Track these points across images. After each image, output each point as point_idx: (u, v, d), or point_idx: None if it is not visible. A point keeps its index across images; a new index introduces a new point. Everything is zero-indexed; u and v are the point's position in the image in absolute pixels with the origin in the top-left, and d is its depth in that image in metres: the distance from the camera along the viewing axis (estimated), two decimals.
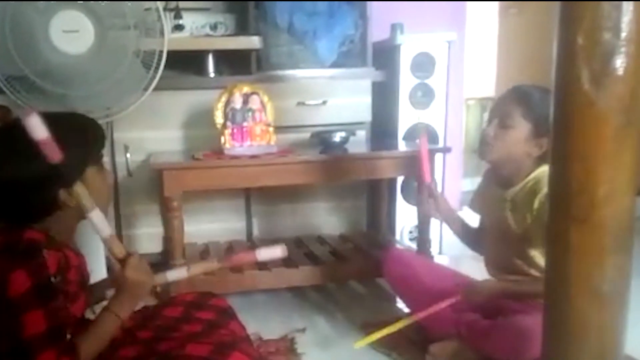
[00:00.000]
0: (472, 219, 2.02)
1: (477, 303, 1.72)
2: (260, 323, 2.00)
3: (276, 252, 1.40)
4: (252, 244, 2.61)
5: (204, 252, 2.47)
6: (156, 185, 2.40)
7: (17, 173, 1.15)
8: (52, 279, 1.10)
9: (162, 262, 2.36)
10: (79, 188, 1.17)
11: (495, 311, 1.73)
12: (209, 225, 2.60)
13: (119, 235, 2.51)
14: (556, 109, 1.28)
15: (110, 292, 1.36)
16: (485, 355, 1.69)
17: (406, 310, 2.05)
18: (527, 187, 1.69)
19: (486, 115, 3.04)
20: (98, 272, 1.95)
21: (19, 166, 1.16)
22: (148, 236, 2.55)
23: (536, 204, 1.62)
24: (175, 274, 1.35)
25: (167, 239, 2.34)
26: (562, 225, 1.25)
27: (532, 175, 1.67)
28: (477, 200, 1.95)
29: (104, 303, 1.32)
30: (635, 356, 1.71)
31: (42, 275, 1.09)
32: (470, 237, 1.99)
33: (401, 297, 2.06)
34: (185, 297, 1.60)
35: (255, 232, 2.71)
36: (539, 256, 1.66)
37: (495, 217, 1.79)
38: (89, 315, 1.32)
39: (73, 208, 1.22)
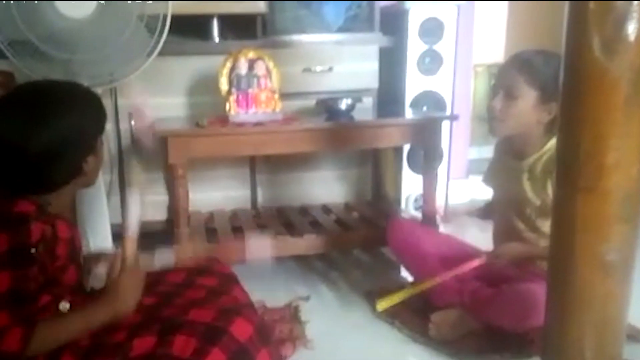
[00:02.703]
0: (481, 191, 2.01)
1: (501, 265, 1.71)
2: (265, 291, 2.01)
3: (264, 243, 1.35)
4: (256, 212, 2.61)
5: (209, 220, 2.47)
6: (161, 152, 2.38)
7: (46, 141, 1.15)
8: (32, 250, 1.09)
9: (166, 230, 2.36)
10: (137, 165, 1.16)
11: (499, 279, 1.73)
12: (214, 194, 2.59)
13: (124, 202, 2.51)
14: (566, 76, 1.25)
15: (99, 271, 1.35)
16: (489, 323, 1.70)
17: (410, 279, 2.05)
18: (546, 155, 1.65)
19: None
20: (103, 240, 1.96)
21: (49, 133, 1.15)
22: (152, 204, 2.54)
23: None
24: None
25: (172, 207, 2.34)
26: (569, 194, 1.24)
27: (550, 144, 1.64)
28: (491, 174, 1.93)
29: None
30: (639, 326, 1.71)
31: (21, 242, 1.08)
32: (487, 211, 1.98)
33: (405, 266, 2.06)
34: (188, 263, 1.60)
35: (260, 200, 2.70)
36: None
37: (511, 189, 1.76)
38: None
39: (76, 182, 1.22)
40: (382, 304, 1.68)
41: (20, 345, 1.04)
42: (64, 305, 1.10)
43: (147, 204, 2.54)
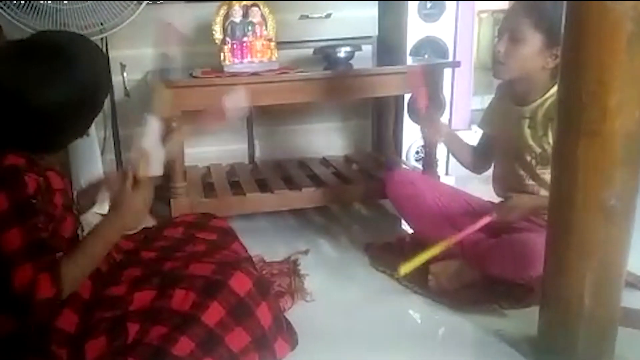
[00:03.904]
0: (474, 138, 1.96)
1: (512, 220, 1.69)
2: (263, 246, 2.00)
3: (239, 94, 1.34)
4: (254, 166, 2.58)
5: (206, 175, 2.44)
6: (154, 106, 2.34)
7: (63, 99, 1.12)
8: (33, 201, 1.08)
9: (162, 185, 2.33)
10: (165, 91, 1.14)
11: (499, 230, 1.71)
12: (210, 148, 2.55)
13: (119, 156, 2.47)
14: (568, 17, 1.20)
15: (99, 198, 1.34)
16: (489, 273, 1.69)
17: (410, 231, 2.03)
18: (548, 102, 1.62)
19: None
20: None
21: (65, 91, 1.12)
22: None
23: None
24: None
25: (167, 162, 2.29)
26: (571, 138, 1.22)
27: (553, 90, 1.60)
28: (489, 117, 1.89)
29: (93, 213, 1.31)
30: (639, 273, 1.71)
31: (20, 195, 1.07)
32: (470, 156, 1.94)
33: (405, 219, 2.04)
34: (186, 218, 1.60)
35: (258, 154, 2.67)
36: None
37: (510, 135, 1.73)
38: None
39: None
40: (405, 268, 1.66)
41: (53, 289, 1.05)
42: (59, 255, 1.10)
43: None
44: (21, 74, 1.09)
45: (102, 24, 2.12)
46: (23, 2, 1.94)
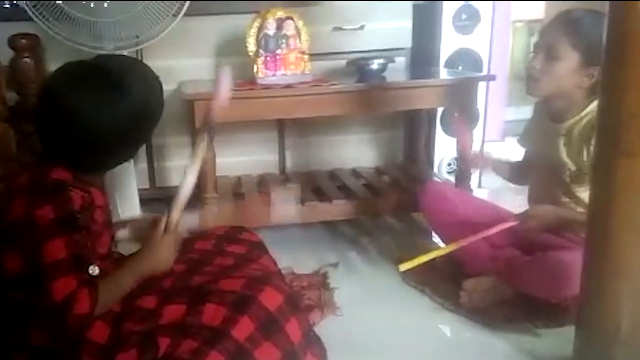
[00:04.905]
0: (516, 153, 1.93)
1: (529, 230, 1.66)
2: (293, 258, 2.00)
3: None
4: (285, 177, 2.58)
5: (236, 185, 2.45)
6: (188, 116, 2.36)
7: (119, 123, 1.15)
8: (77, 215, 1.11)
9: (193, 194, 2.36)
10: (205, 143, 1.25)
11: (535, 248, 1.68)
12: (241, 158, 2.57)
13: (151, 167, 2.51)
14: (609, 34, 1.18)
15: (121, 234, 1.37)
16: (522, 291, 1.66)
17: (442, 245, 2.01)
18: (585, 120, 1.59)
19: (533, 40, 2.85)
20: (131, 206, 1.97)
21: (122, 115, 1.15)
22: (179, 169, 2.52)
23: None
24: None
25: (199, 172, 2.31)
26: (610, 158, 1.19)
27: (590, 107, 1.57)
28: (528, 134, 1.86)
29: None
30: None
31: (67, 209, 1.10)
32: (516, 173, 1.92)
33: (437, 232, 2.02)
34: (217, 231, 1.60)
35: (289, 165, 2.68)
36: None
37: (547, 152, 1.71)
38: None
39: None
40: (405, 265, 1.64)
41: (90, 306, 1.07)
42: (93, 269, 1.12)
43: (174, 168, 2.54)
44: (79, 95, 1.13)
45: (137, 36, 2.16)
46: (60, 13, 1.99)
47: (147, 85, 1.22)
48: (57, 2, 1.94)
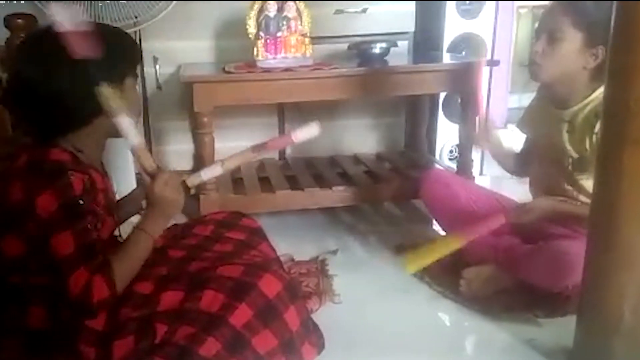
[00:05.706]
0: (516, 140, 1.91)
1: (526, 223, 1.64)
2: (292, 244, 1.98)
3: (311, 130, 1.37)
4: (284, 162, 2.56)
5: (236, 171, 2.43)
6: (186, 100, 2.34)
7: (56, 76, 1.12)
8: (79, 201, 1.10)
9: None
10: (108, 90, 1.13)
11: (536, 236, 1.66)
12: (241, 143, 2.52)
13: (149, 150, 2.48)
14: (617, 20, 1.15)
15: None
16: (523, 280, 1.65)
17: (442, 233, 2.00)
18: (589, 107, 1.57)
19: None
20: (128, 190, 1.95)
21: (57, 69, 1.12)
22: (178, 153, 2.53)
23: (598, 127, 1.49)
24: (210, 172, 1.34)
25: (197, 157, 2.31)
26: (616, 146, 1.17)
27: (594, 95, 1.54)
28: (528, 119, 1.83)
29: (134, 219, 1.32)
30: None
31: (68, 196, 1.09)
32: (518, 164, 1.89)
33: (438, 220, 2.01)
34: (216, 216, 1.60)
35: (288, 150, 2.66)
36: (591, 183, 1.56)
37: (549, 139, 1.68)
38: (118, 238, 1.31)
39: (102, 124, 1.19)
40: (412, 266, 1.63)
41: (108, 289, 1.08)
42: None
43: (172, 152, 2.51)
44: (26, 61, 1.14)
45: (136, 17, 2.13)
46: None
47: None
48: None
